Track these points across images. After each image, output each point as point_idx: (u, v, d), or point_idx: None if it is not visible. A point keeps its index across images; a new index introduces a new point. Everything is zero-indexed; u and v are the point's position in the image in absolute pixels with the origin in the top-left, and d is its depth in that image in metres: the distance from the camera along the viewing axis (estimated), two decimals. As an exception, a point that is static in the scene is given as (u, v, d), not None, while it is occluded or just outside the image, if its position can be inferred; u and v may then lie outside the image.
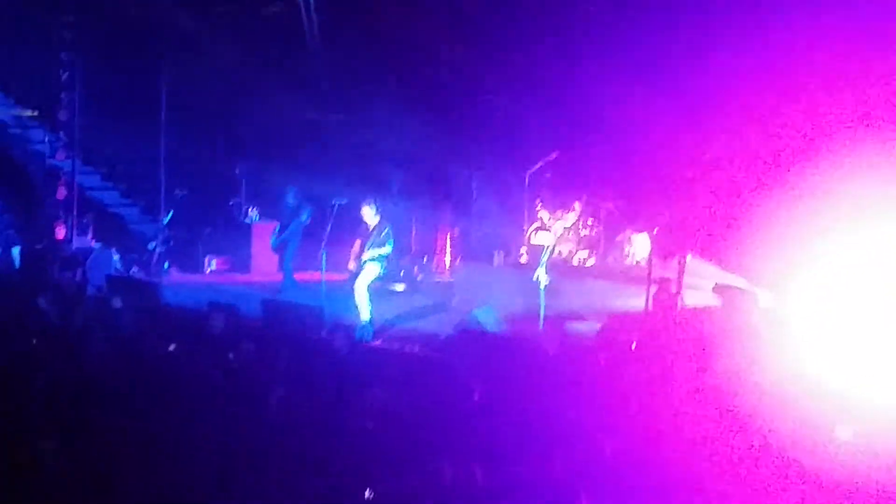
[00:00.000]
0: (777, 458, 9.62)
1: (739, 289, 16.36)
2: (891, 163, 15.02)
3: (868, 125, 15.35)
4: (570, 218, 21.33)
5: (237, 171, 25.86)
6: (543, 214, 21.66)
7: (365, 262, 17.82)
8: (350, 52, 24.86)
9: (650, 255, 18.01)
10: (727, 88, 16.98)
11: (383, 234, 17.87)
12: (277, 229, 22.50)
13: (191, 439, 9.33)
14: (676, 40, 18.46)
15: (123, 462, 8.87)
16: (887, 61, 15.25)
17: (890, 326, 14.11)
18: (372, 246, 17.82)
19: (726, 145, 17.25)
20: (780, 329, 14.45)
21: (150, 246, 24.48)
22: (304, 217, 21.45)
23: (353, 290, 17.72)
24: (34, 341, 13.16)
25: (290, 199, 21.76)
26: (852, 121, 15.46)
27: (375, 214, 18.03)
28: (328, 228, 18.41)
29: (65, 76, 24.39)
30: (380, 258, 17.86)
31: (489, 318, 16.50)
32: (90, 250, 23.42)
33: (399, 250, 19.30)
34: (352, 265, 17.97)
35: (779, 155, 16.26)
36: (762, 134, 16.49)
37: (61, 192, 24.25)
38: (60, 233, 23.79)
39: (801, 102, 15.92)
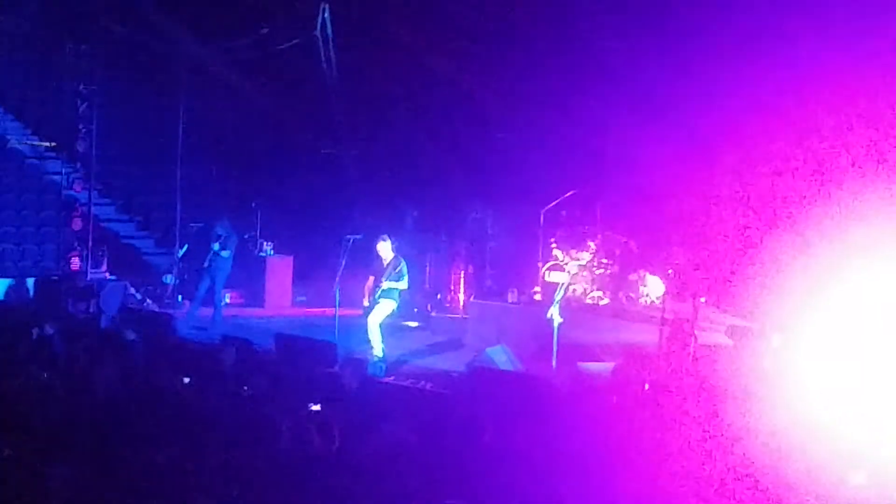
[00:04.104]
0: (789, 501, 9.58)
1: (752, 330, 16.32)
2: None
3: (879, 167, 15.35)
4: (585, 257, 21.28)
5: (252, 205, 25.94)
6: (558, 253, 21.61)
7: (379, 297, 17.81)
8: (367, 89, 24.96)
9: (664, 295, 17.98)
10: (741, 134, 17.01)
11: (398, 269, 17.87)
12: (185, 250, 22.94)
13: (201, 472, 9.31)
14: (692, 82, 18.49)
15: (134, 493, 8.86)
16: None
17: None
18: (387, 281, 17.81)
19: (739, 189, 17.26)
20: (791, 371, 14.41)
21: (167, 279, 24.54)
22: (226, 252, 21.56)
23: (366, 325, 17.72)
24: (45, 372, 13.16)
25: (220, 230, 21.77)
26: (862, 163, 15.46)
27: (391, 250, 18.05)
28: (342, 263, 18.41)
29: (83, 107, 24.47)
30: (393, 293, 17.85)
31: (502, 356, 16.46)
32: (105, 282, 23.48)
33: (413, 287, 19.28)
34: (366, 301, 17.97)
35: (791, 199, 16.26)
36: (774, 178, 16.49)
37: (77, 224, 24.32)
38: (75, 264, 23.85)
39: (812, 147, 15.93)
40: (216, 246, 21.58)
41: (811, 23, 16.47)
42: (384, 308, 17.83)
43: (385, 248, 18.07)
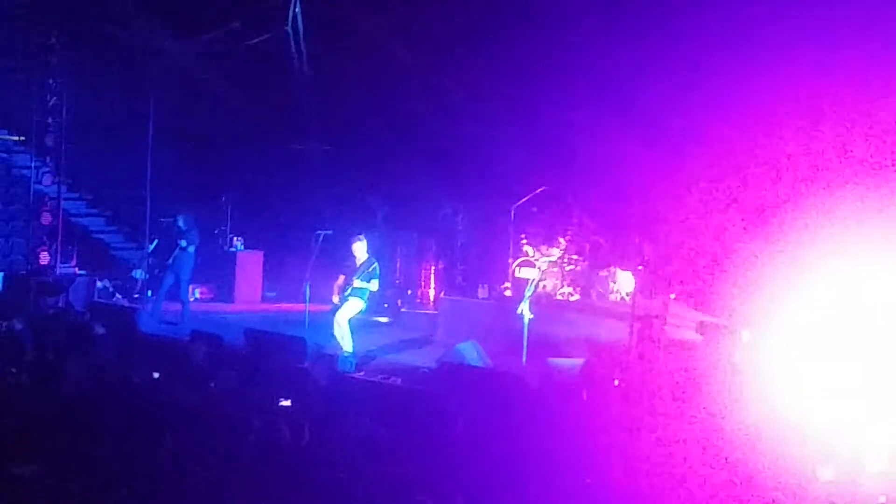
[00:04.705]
0: (759, 497, 9.62)
1: (722, 326, 16.38)
2: (867, 205, 15.09)
3: (849, 167, 15.42)
4: (555, 253, 21.35)
5: (223, 200, 25.87)
6: (528, 249, 21.68)
7: (348, 295, 17.77)
8: (338, 85, 24.90)
9: (634, 291, 18.02)
10: (712, 131, 17.05)
11: (370, 269, 17.82)
12: (155, 245, 22.85)
13: (170, 467, 9.30)
14: (661, 79, 18.53)
15: (102, 488, 8.83)
16: (866, 105, 15.33)
17: (868, 366, 14.14)
18: (358, 280, 17.76)
19: (709, 187, 17.32)
20: (760, 367, 14.47)
21: (136, 274, 24.44)
22: (191, 247, 21.42)
23: (333, 322, 17.69)
24: (14, 367, 13.12)
25: (181, 224, 21.62)
26: (832, 162, 15.52)
27: (366, 251, 18.02)
28: (313, 259, 18.38)
29: (52, 101, 24.34)
30: (363, 293, 17.80)
31: (472, 352, 16.47)
32: (74, 276, 23.37)
33: (384, 283, 19.26)
34: (336, 299, 17.92)
35: (760, 197, 16.32)
36: (744, 177, 16.55)
37: (46, 218, 24.18)
38: (44, 259, 23.73)
39: (782, 145, 15.99)
40: (183, 242, 21.44)
41: (780, 21, 16.54)
42: (352, 307, 17.79)
43: (360, 248, 18.02)
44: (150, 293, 23.77)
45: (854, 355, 14.35)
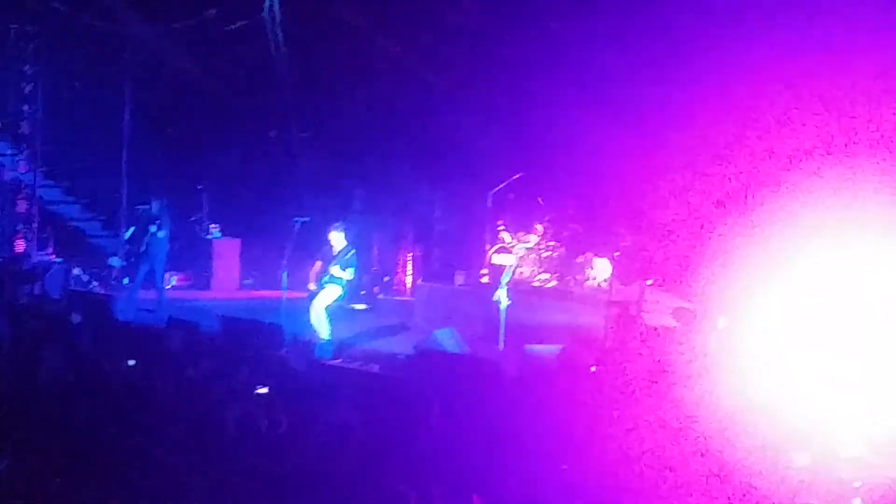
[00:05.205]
0: (735, 483, 9.65)
1: (697, 312, 16.42)
2: (844, 193, 15.14)
3: (827, 154, 15.46)
4: (532, 240, 21.36)
5: (200, 187, 25.81)
6: (505, 235, 21.69)
7: (325, 283, 17.78)
8: (315, 71, 24.87)
9: (611, 278, 18.06)
10: (688, 118, 17.08)
11: (347, 257, 17.83)
12: (131, 232, 22.63)
13: (146, 456, 9.28)
14: (640, 67, 18.54)
15: (79, 478, 8.81)
16: (845, 95, 15.37)
17: (843, 352, 14.20)
18: (335, 268, 17.76)
19: (685, 173, 17.35)
20: (736, 353, 14.51)
21: (113, 262, 24.38)
22: (161, 232, 21.22)
23: (310, 309, 17.69)
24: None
25: (154, 209, 21.41)
26: (810, 149, 15.57)
27: (343, 239, 18.03)
28: (290, 246, 18.36)
29: (28, 89, 24.26)
30: (340, 280, 17.81)
31: (449, 338, 16.48)
32: (50, 264, 23.31)
33: (360, 269, 19.25)
34: (312, 286, 17.93)
35: (737, 184, 16.36)
36: (720, 163, 16.58)
37: (22, 206, 24.13)
38: (20, 246, 23.66)
39: (759, 132, 16.02)
40: (153, 228, 21.26)
41: (759, 9, 16.57)
42: (329, 294, 17.81)
43: (337, 237, 18.04)
44: (126, 281, 23.71)
45: (829, 341, 14.41)
